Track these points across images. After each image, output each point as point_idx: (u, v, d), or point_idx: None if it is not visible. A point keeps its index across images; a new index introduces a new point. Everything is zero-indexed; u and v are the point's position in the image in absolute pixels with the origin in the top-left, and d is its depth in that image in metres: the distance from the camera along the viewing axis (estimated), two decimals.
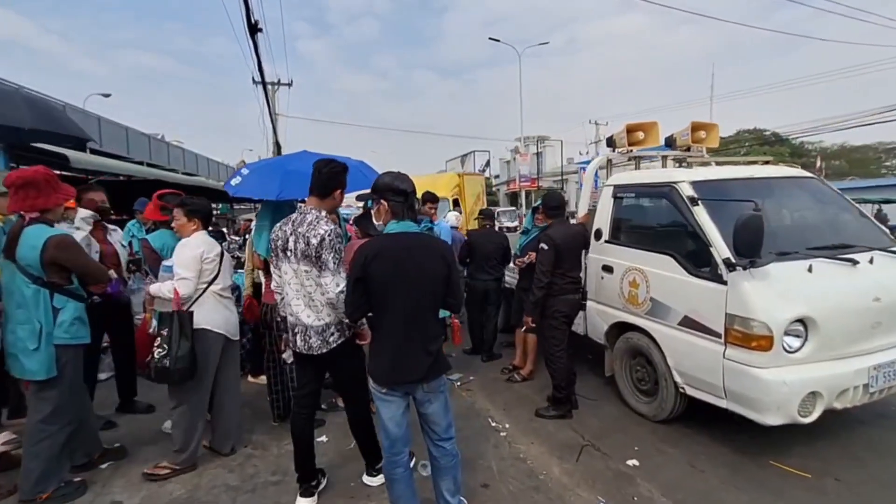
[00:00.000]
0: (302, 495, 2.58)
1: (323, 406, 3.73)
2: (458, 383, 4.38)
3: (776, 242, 2.97)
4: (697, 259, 3.11)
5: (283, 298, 2.47)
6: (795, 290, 2.81)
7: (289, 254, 2.35)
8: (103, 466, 2.93)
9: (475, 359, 5.03)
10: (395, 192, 2.14)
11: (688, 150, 4.35)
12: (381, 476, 2.64)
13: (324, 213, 2.40)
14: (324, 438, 3.29)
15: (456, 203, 9.39)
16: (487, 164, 56.82)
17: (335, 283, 2.29)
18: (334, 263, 2.30)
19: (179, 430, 2.86)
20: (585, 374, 4.38)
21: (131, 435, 3.34)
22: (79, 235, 3.20)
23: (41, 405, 2.40)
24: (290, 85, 22.54)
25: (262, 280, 3.50)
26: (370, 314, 2.19)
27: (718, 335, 2.92)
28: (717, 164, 4.48)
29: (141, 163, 17.18)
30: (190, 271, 2.76)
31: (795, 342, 2.77)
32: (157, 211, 3.49)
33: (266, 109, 18.97)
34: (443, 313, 2.74)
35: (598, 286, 3.95)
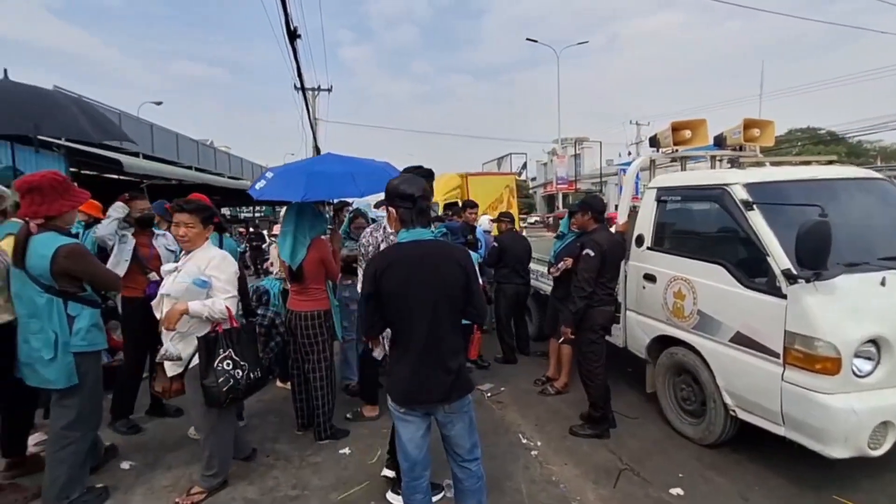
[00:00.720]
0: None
1: (348, 415, 3.64)
2: (489, 394, 4.20)
3: (844, 252, 2.63)
4: (752, 269, 2.82)
5: None
6: (867, 307, 2.49)
7: None
8: (126, 466, 2.94)
9: (506, 368, 4.84)
10: (401, 196, 1.97)
11: (740, 149, 4.02)
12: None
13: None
14: (347, 451, 3.19)
15: (451, 206, 6.86)
16: (524, 166, 56.17)
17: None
18: None
19: (215, 456, 2.65)
20: (624, 389, 4.12)
21: (156, 440, 3.35)
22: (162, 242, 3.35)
23: (64, 412, 2.40)
24: (329, 90, 23.05)
25: (288, 286, 3.44)
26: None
27: (776, 355, 2.62)
28: (772, 164, 4.11)
29: (189, 167, 17.93)
30: (235, 288, 2.57)
31: (866, 366, 2.45)
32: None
33: (306, 114, 19.43)
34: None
35: (639, 296, 3.68)
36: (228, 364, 2.48)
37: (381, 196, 3.85)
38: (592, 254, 3.29)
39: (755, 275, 2.79)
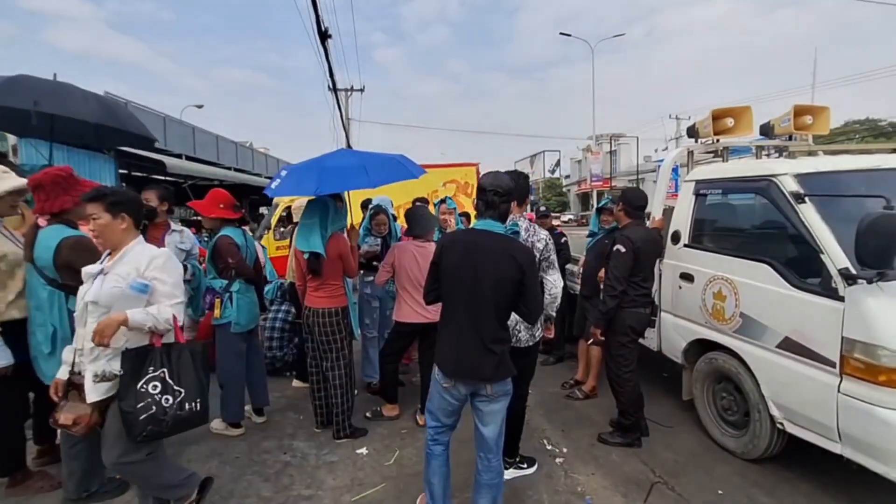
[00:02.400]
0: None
1: (367, 414, 3.57)
2: None
3: None
4: (803, 268, 2.55)
5: None
6: None
7: None
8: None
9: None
10: (479, 189, 2.25)
11: (789, 139, 3.70)
12: (512, 469, 2.77)
13: (528, 221, 2.65)
14: (364, 451, 3.11)
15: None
16: (557, 163, 55.35)
17: (559, 279, 2.63)
18: (556, 262, 2.63)
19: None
20: (658, 396, 3.87)
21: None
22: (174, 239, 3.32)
23: None
24: (361, 91, 23.28)
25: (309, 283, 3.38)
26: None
27: (832, 364, 2.35)
28: (827, 154, 3.77)
29: (229, 168, 18.52)
30: (182, 293, 2.09)
31: None
32: (215, 208, 3.45)
33: (338, 114, 19.68)
34: None
35: (674, 297, 3.44)
36: (156, 387, 1.94)
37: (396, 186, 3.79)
38: (623, 250, 3.08)
39: (806, 274, 2.52)
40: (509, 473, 2.77)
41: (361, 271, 3.95)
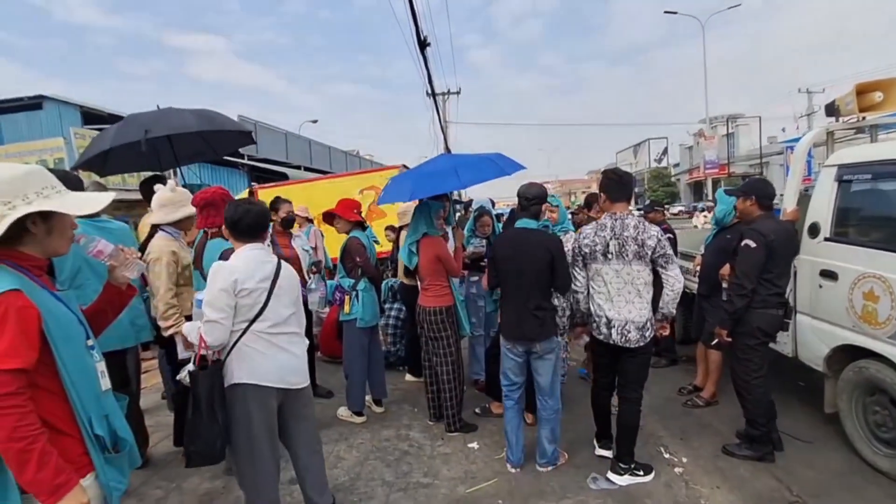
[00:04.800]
0: (602, 446, 3.06)
1: (476, 410, 3.70)
2: None
3: None
4: None
5: (583, 296, 2.82)
6: None
7: (609, 257, 2.64)
8: None
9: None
10: (518, 196, 2.95)
11: None
12: (627, 476, 2.75)
13: (637, 217, 2.73)
14: (475, 445, 3.24)
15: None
16: (664, 152, 51.63)
17: (680, 273, 2.61)
18: (675, 257, 2.66)
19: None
20: (793, 407, 3.50)
21: None
22: (300, 242, 3.74)
23: None
24: (458, 93, 23.75)
25: (418, 283, 3.60)
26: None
27: None
28: None
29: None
30: (216, 310, 1.98)
31: None
32: (351, 212, 3.79)
33: (436, 118, 20.29)
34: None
35: (813, 297, 3.08)
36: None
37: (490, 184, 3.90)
38: (754, 245, 2.82)
39: None
40: (624, 480, 2.74)
41: (466, 272, 4.10)
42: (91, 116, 12.24)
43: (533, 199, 2.89)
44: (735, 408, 3.12)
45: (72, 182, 2.31)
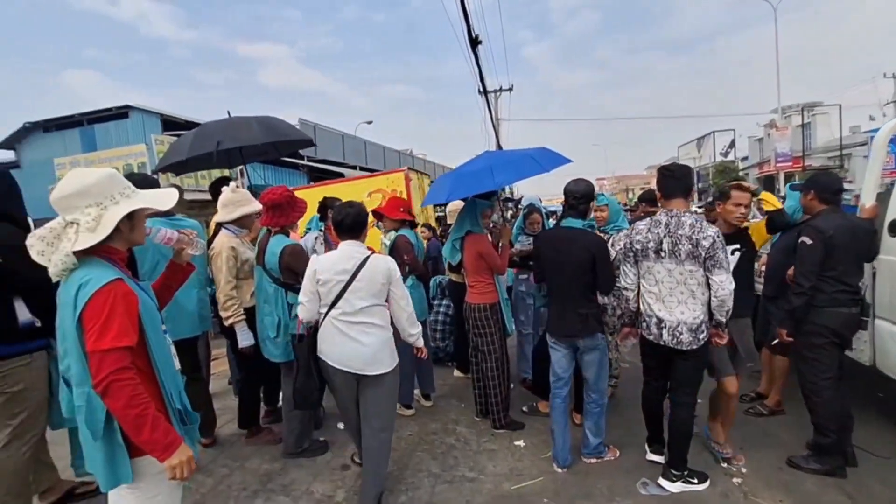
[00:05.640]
0: (653, 451, 2.98)
1: (524, 409, 3.70)
2: None
3: None
4: None
5: (633, 294, 2.76)
6: None
7: (662, 255, 2.55)
8: (340, 426, 3.51)
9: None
10: (564, 193, 2.92)
11: None
12: (679, 483, 2.66)
13: (695, 215, 2.57)
14: (521, 443, 3.24)
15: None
16: (731, 144, 48.71)
17: (729, 281, 2.43)
18: (726, 262, 2.46)
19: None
20: (870, 420, 3.24)
21: None
22: (311, 237, 3.84)
23: (291, 381, 2.99)
24: (510, 90, 23.57)
25: (466, 281, 3.64)
26: None
27: None
28: None
29: None
30: (303, 294, 2.46)
31: None
32: (397, 211, 3.91)
33: (488, 116, 20.23)
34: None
35: (894, 301, 2.83)
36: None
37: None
38: (810, 241, 2.66)
39: None
40: (676, 487, 2.65)
41: (514, 269, 4.09)
42: (170, 123, 13.30)
43: (581, 196, 2.86)
44: (801, 418, 2.93)
45: (150, 184, 2.56)
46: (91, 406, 1.36)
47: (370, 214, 2.82)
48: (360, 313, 2.39)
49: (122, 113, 13.49)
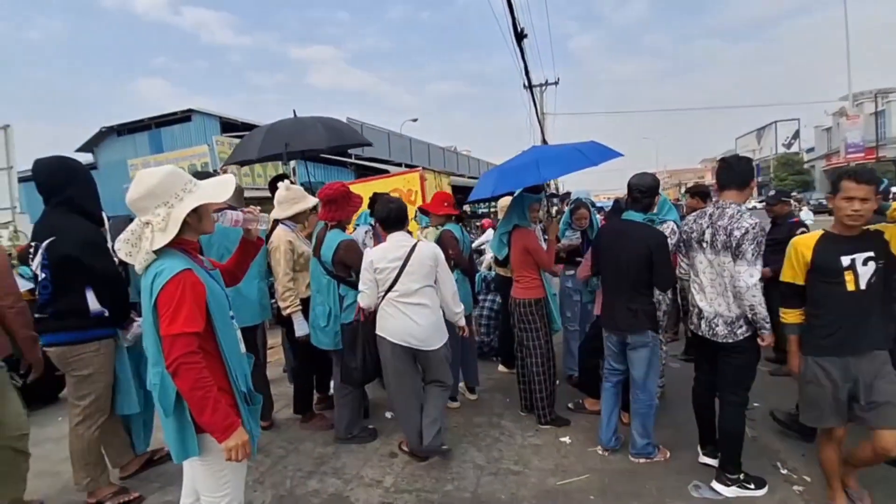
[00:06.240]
0: (706, 453, 2.86)
1: (569, 405, 3.67)
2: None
3: None
4: None
5: (689, 285, 2.75)
6: None
7: (704, 245, 2.57)
8: (388, 415, 3.64)
9: (768, 381, 3.98)
10: (627, 187, 2.87)
11: None
12: (734, 487, 2.58)
13: (744, 208, 2.52)
14: (567, 439, 3.23)
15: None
16: (795, 135, 45.74)
17: (749, 274, 2.36)
18: (752, 255, 2.37)
19: (402, 425, 3.08)
20: None
21: None
22: (362, 231, 3.96)
23: (338, 371, 3.13)
24: (556, 83, 23.18)
25: (512, 275, 3.65)
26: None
27: None
28: None
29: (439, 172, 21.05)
30: (363, 283, 2.81)
31: None
32: (442, 206, 3.94)
33: (533, 110, 19.99)
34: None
35: None
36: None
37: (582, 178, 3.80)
38: None
39: None
40: (731, 491, 2.57)
41: (561, 265, 4.05)
42: (228, 125, 14.07)
43: (645, 190, 2.82)
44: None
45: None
46: (164, 385, 1.49)
47: (418, 211, 2.95)
48: (414, 294, 2.75)
49: (185, 116, 14.39)
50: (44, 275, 2.37)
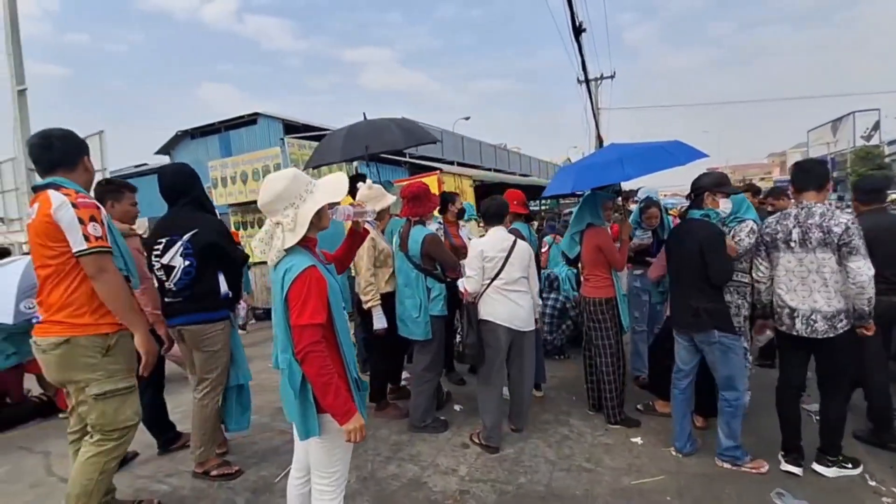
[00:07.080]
0: (788, 461, 2.79)
1: (639, 406, 3.65)
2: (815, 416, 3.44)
3: None
4: None
5: (766, 287, 2.81)
6: None
7: (792, 244, 2.63)
8: (457, 408, 3.76)
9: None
10: (691, 186, 3.01)
11: None
12: (834, 468, 2.70)
13: (829, 204, 2.62)
14: (638, 440, 3.22)
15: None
16: (875, 126, 42.14)
17: (868, 267, 2.43)
18: (865, 248, 2.44)
19: (482, 412, 3.18)
20: None
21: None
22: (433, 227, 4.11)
23: (422, 359, 3.30)
24: (612, 77, 22.61)
25: (582, 274, 3.67)
26: None
27: None
28: None
29: (489, 169, 20.96)
30: (471, 269, 3.08)
31: None
32: (512, 204, 4.01)
33: (589, 106, 19.56)
34: None
35: None
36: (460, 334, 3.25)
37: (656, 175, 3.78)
38: None
39: None
40: (832, 472, 2.70)
41: (629, 265, 4.02)
42: (290, 127, 14.78)
43: (696, 188, 2.97)
44: None
45: None
46: (292, 370, 1.66)
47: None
48: (516, 283, 3.05)
49: (251, 119, 15.24)
50: (188, 262, 2.70)
